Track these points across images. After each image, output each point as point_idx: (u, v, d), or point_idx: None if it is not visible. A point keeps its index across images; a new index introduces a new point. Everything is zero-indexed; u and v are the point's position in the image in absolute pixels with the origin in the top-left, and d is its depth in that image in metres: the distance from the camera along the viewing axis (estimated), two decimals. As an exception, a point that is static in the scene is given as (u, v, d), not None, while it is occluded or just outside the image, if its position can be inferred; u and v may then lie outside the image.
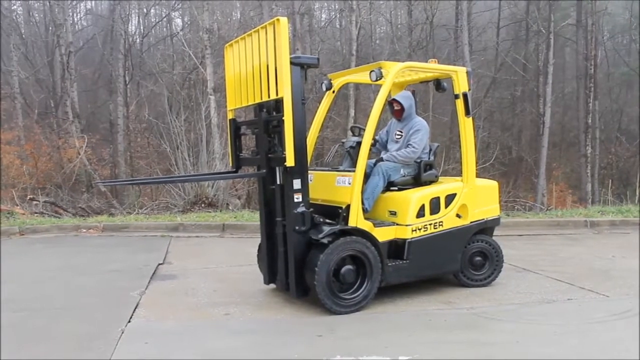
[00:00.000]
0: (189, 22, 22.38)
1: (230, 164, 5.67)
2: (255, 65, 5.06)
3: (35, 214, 11.13)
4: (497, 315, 4.94)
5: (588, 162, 19.04)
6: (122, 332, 4.45)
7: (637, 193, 13.48)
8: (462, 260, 5.78)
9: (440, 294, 5.59)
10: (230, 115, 5.65)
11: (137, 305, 5.22)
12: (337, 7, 23.66)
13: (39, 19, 22.97)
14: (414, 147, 5.66)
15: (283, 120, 4.75)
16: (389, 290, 5.38)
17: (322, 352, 3.96)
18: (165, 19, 25.16)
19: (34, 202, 12.31)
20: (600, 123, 21.06)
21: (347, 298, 5.01)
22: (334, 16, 25.01)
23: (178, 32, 22.86)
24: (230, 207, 12.03)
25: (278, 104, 4.96)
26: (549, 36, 17.83)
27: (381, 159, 5.69)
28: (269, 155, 5.04)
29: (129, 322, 4.73)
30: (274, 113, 5.06)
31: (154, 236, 9.02)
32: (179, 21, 25.17)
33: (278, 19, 4.69)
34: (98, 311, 5.08)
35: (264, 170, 5.07)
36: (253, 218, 9.87)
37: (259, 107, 5.24)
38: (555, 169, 21.92)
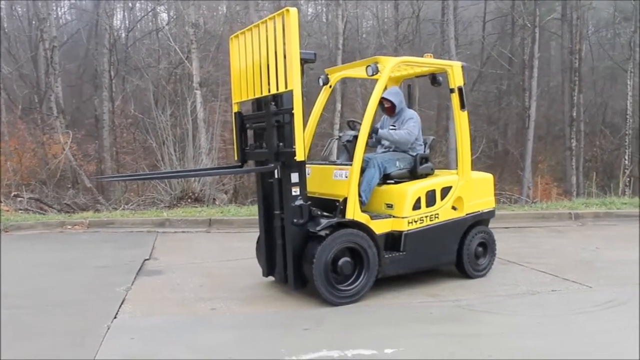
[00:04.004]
0: (174, 17, 22.21)
1: (236, 158, 5.67)
2: (263, 58, 5.01)
3: (20, 211, 11.02)
4: (482, 307, 4.98)
5: (573, 155, 19.25)
6: (108, 328, 4.43)
7: (621, 185, 13.64)
8: (467, 251, 5.88)
9: (426, 287, 5.62)
10: (235, 109, 5.63)
11: (123, 301, 5.20)
12: (323, 1, 23.64)
13: (21, 13, 22.67)
14: (409, 131, 5.75)
15: (292, 114, 4.77)
16: (376, 283, 5.39)
17: (308, 346, 3.97)
18: (150, 13, 24.97)
19: (19, 199, 12.20)
20: (585, 116, 21.25)
21: (345, 289, 5.06)
22: (320, 10, 24.98)
23: (163, 27, 22.65)
24: (217, 202, 12.01)
25: (275, 98, 4.98)
26: (534, 30, 17.95)
27: (377, 131, 5.70)
28: (283, 150, 4.96)
29: (115, 318, 4.71)
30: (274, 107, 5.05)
31: (140, 232, 8.97)
32: (164, 15, 24.97)
33: (288, 10, 4.64)
34: (84, 307, 5.05)
35: (272, 165, 5.03)
36: (239, 213, 9.87)
37: (257, 101, 5.30)
38: (540, 162, 22.10)
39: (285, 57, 4.76)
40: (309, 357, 3.79)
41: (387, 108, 6.01)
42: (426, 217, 5.56)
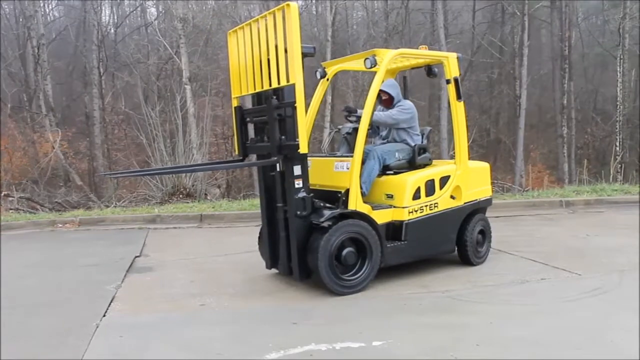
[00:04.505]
0: (163, 11, 22.08)
1: (237, 152, 5.71)
2: (263, 52, 5.05)
3: (10, 211, 10.97)
4: (472, 297, 4.99)
5: (564, 142, 19.27)
6: (97, 327, 4.41)
7: (612, 172, 13.67)
8: (470, 239, 5.98)
9: (416, 278, 5.63)
10: (235, 103, 5.68)
11: (112, 299, 5.18)
12: (312, -7, 23.54)
13: (8, 11, 22.48)
14: (392, 114, 5.86)
15: (295, 107, 4.83)
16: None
17: (296, 340, 3.97)
18: (139, 8, 24.81)
19: (9, 199, 12.14)
20: (576, 103, 21.29)
21: (349, 279, 5.14)
22: (310, 2, 24.86)
23: (151, 22, 22.53)
24: (208, 197, 11.98)
25: (276, 92, 5.02)
26: (523, 18, 17.93)
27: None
28: (285, 143, 5.00)
29: (104, 316, 4.70)
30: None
31: (131, 229, 8.94)
32: (153, 10, 24.82)
33: (288, 4, 4.70)
34: (73, 306, 5.04)
35: (275, 158, 5.07)
36: (231, 207, 9.86)
37: (257, 95, 5.34)
38: (533, 150, 22.14)
39: (286, 51, 4.81)
40: (297, 351, 3.79)
41: (385, 100, 6.07)
42: (426, 206, 5.65)
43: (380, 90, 5.90)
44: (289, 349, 3.82)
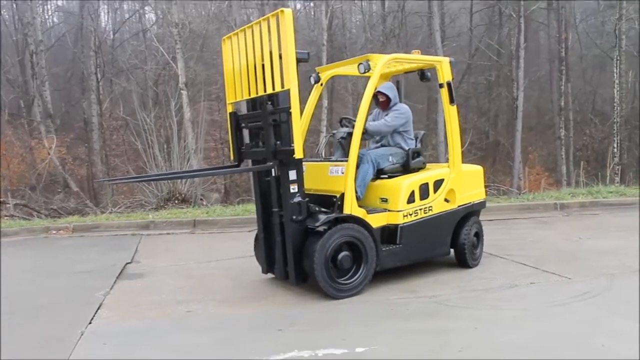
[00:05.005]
0: (161, 17, 22.11)
1: (232, 158, 5.75)
2: (258, 58, 5.08)
3: (6, 217, 10.97)
4: (459, 302, 4.97)
5: (562, 144, 19.24)
6: (82, 334, 4.40)
7: (609, 174, 13.64)
8: (467, 242, 6.03)
9: (404, 283, 5.60)
10: (229, 109, 5.71)
11: (100, 305, 5.18)
12: (307, -1, 23.57)
13: (7, 17, 22.52)
14: (387, 121, 5.87)
15: (290, 113, 4.87)
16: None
17: (280, 347, 3.95)
18: (136, 14, 24.85)
19: (6, 205, 12.15)
20: (575, 105, 21.23)
21: (345, 283, 5.18)
22: (307, 6, 24.89)
23: (147, 29, 22.56)
24: (204, 202, 11.98)
25: (271, 97, 5.05)
26: (519, 20, 17.91)
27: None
28: (280, 148, 5.02)
29: (90, 323, 4.69)
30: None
31: (125, 235, 8.95)
32: (151, 16, 24.86)
33: (282, 10, 4.75)
34: (60, 313, 5.03)
35: (270, 163, 5.11)
36: (224, 213, 9.85)
37: (252, 101, 5.38)
38: (531, 152, 22.10)
39: (280, 57, 4.84)
40: (280, 358, 3.77)
41: (382, 102, 6.10)
42: (420, 209, 5.68)
43: (378, 92, 5.97)
44: (272, 356, 3.80)
